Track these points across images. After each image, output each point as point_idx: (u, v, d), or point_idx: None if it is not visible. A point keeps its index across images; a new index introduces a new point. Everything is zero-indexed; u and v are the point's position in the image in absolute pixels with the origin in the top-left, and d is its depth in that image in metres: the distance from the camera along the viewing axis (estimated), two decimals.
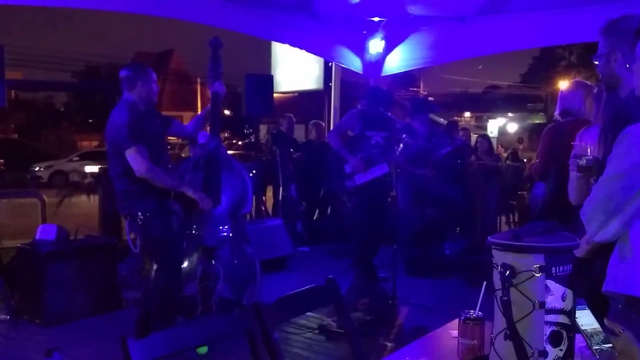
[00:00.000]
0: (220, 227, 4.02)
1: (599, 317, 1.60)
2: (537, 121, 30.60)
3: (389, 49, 7.09)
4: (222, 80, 4.14)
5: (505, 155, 13.92)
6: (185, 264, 3.96)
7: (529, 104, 34.31)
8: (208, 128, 4.55)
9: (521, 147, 17.81)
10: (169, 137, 5.07)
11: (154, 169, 3.64)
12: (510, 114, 32.44)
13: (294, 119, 8.74)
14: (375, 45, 7.01)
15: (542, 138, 3.98)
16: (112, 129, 3.67)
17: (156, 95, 3.88)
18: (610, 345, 1.50)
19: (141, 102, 3.77)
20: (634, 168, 1.60)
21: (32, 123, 34.81)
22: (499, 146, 24.84)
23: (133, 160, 3.59)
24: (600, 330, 1.54)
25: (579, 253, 2.16)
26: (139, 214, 3.69)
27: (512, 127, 30.38)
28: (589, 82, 3.92)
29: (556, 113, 3.89)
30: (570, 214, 2.78)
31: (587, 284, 1.88)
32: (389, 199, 5.84)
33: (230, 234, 4.06)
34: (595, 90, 3.62)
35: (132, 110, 3.68)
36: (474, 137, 11.11)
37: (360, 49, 7.13)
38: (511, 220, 8.44)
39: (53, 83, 17.47)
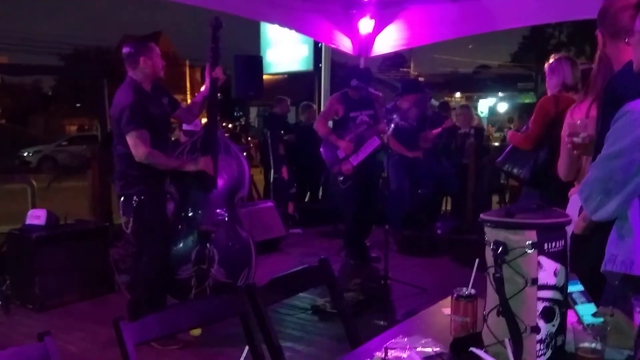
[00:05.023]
0: (217, 211, 4.02)
1: (593, 294, 1.61)
2: (527, 100, 30.59)
3: (378, 28, 7.04)
4: (220, 61, 4.07)
5: (496, 135, 13.96)
6: (180, 247, 3.96)
7: (519, 84, 34.26)
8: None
9: (512, 126, 17.84)
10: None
11: (153, 154, 3.63)
12: (500, 94, 32.40)
13: (288, 102, 8.70)
14: (365, 25, 6.96)
15: (541, 106, 3.86)
16: (116, 109, 3.66)
17: (162, 69, 3.83)
18: (602, 320, 1.51)
19: (146, 80, 3.73)
20: (634, 146, 1.57)
21: (20, 108, 34.43)
22: (490, 126, 24.84)
23: (133, 145, 3.59)
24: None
25: (576, 230, 2.17)
26: (134, 196, 3.68)
27: (503, 107, 30.38)
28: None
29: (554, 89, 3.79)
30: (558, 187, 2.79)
31: (584, 260, 1.88)
32: (380, 180, 5.84)
33: (226, 218, 4.05)
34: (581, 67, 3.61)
35: (137, 92, 3.65)
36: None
37: (349, 29, 7.08)
38: (503, 200, 8.47)
39: (41, 67, 17.25)
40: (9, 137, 22.89)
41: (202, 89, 4.15)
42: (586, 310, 1.53)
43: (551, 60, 3.88)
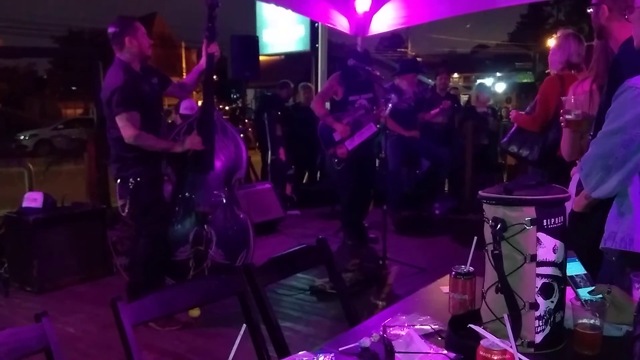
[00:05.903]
0: (214, 192, 4.00)
1: (590, 271, 1.61)
2: (525, 80, 30.50)
3: (375, 7, 6.97)
4: (216, 41, 4.03)
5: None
6: (178, 229, 3.96)
7: (517, 63, 34.12)
8: (194, 96, 4.49)
9: (509, 107, 17.79)
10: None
11: (142, 135, 3.60)
12: (498, 74, 32.28)
13: (291, 85, 8.66)
14: (362, 3, 6.89)
15: (547, 87, 3.76)
16: (107, 91, 3.62)
17: (149, 48, 3.78)
18: (600, 296, 1.51)
19: (134, 60, 3.69)
20: (635, 122, 1.55)
21: (15, 91, 34.21)
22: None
23: (123, 127, 3.57)
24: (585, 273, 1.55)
25: (576, 207, 2.16)
26: (130, 178, 3.66)
27: (501, 87, 30.24)
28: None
29: (557, 65, 3.71)
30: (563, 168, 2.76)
31: (584, 238, 1.88)
32: (377, 160, 5.82)
33: (224, 199, 4.04)
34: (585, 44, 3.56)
35: (127, 72, 3.61)
36: (463, 97, 11.08)
37: (346, 8, 7.00)
38: (501, 179, 8.46)
39: (35, 49, 17.05)
40: (5, 120, 22.75)
41: (196, 67, 4.12)
42: (586, 294, 1.53)
43: (559, 35, 3.82)
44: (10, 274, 4.60)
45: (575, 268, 1.57)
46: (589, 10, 2.26)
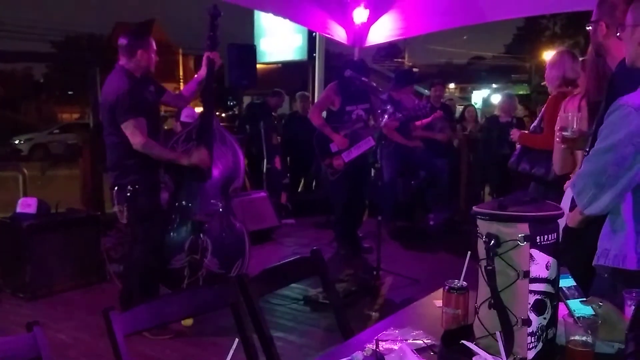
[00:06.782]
0: (211, 201, 4.00)
1: (584, 287, 1.61)
2: (521, 92, 30.59)
3: (373, 18, 7.00)
4: (218, 50, 4.07)
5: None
6: (174, 237, 3.95)
7: (513, 75, 34.29)
8: (193, 104, 4.51)
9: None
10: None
11: (151, 143, 3.61)
12: (494, 85, 32.41)
13: (284, 94, 8.66)
14: (359, 14, 6.92)
15: (555, 105, 3.55)
16: (111, 96, 3.61)
17: (155, 64, 3.82)
18: (592, 312, 1.51)
19: (138, 70, 3.72)
20: (627, 140, 1.57)
21: (12, 95, 34.14)
22: (484, 118, 24.82)
23: (131, 134, 3.56)
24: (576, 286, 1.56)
25: (571, 223, 2.17)
26: (128, 186, 3.66)
27: (496, 99, 30.31)
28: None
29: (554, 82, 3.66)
30: None
31: (577, 254, 1.88)
32: (372, 170, 5.82)
33: (220, 209, 4.03)
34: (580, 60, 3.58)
35: (131, 78, 3.64)
36: (459, 108, 11.13)
37: (344, 19, 7.04)
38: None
39: (32, 54, 17.03)
40: (1, 124, 22.71)
41: (196, 76, 4.14)
42: (577, 305, 1.53)
43: (553, 53, 3.86)
44: (2, 279, 4.57)
45: (567, 284, 1.58)
46: (588, 28, 2.28)
